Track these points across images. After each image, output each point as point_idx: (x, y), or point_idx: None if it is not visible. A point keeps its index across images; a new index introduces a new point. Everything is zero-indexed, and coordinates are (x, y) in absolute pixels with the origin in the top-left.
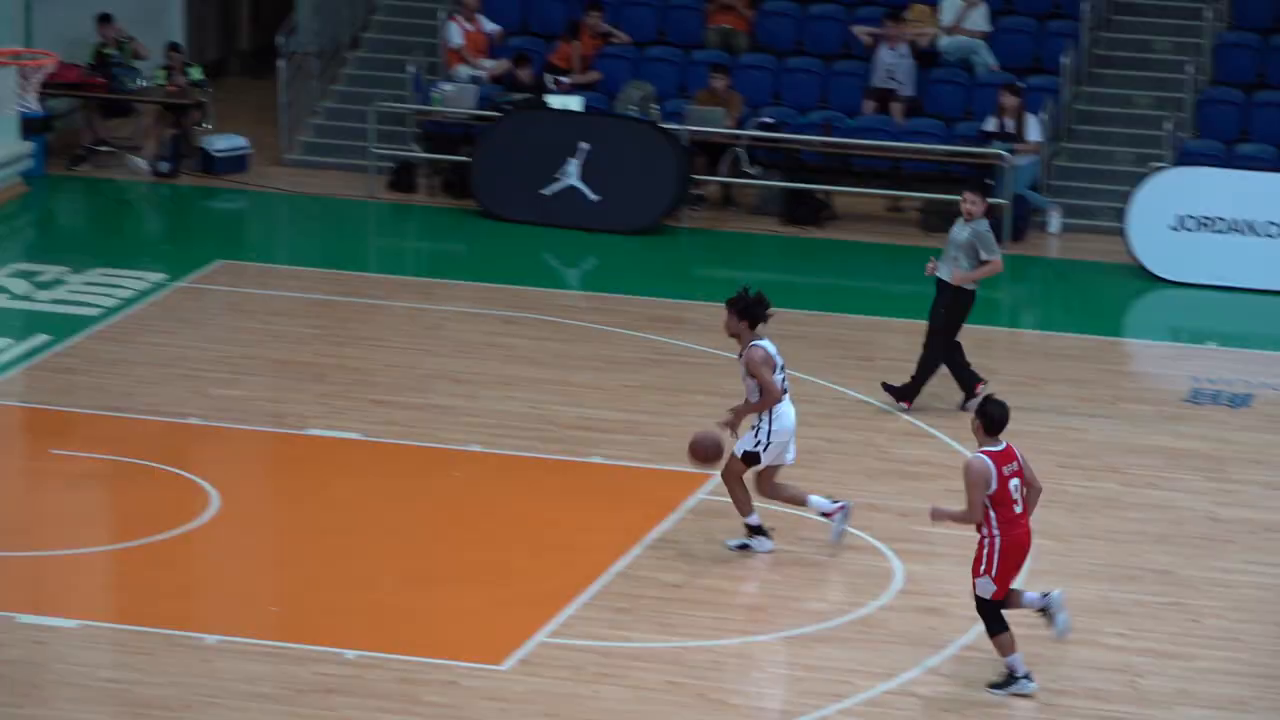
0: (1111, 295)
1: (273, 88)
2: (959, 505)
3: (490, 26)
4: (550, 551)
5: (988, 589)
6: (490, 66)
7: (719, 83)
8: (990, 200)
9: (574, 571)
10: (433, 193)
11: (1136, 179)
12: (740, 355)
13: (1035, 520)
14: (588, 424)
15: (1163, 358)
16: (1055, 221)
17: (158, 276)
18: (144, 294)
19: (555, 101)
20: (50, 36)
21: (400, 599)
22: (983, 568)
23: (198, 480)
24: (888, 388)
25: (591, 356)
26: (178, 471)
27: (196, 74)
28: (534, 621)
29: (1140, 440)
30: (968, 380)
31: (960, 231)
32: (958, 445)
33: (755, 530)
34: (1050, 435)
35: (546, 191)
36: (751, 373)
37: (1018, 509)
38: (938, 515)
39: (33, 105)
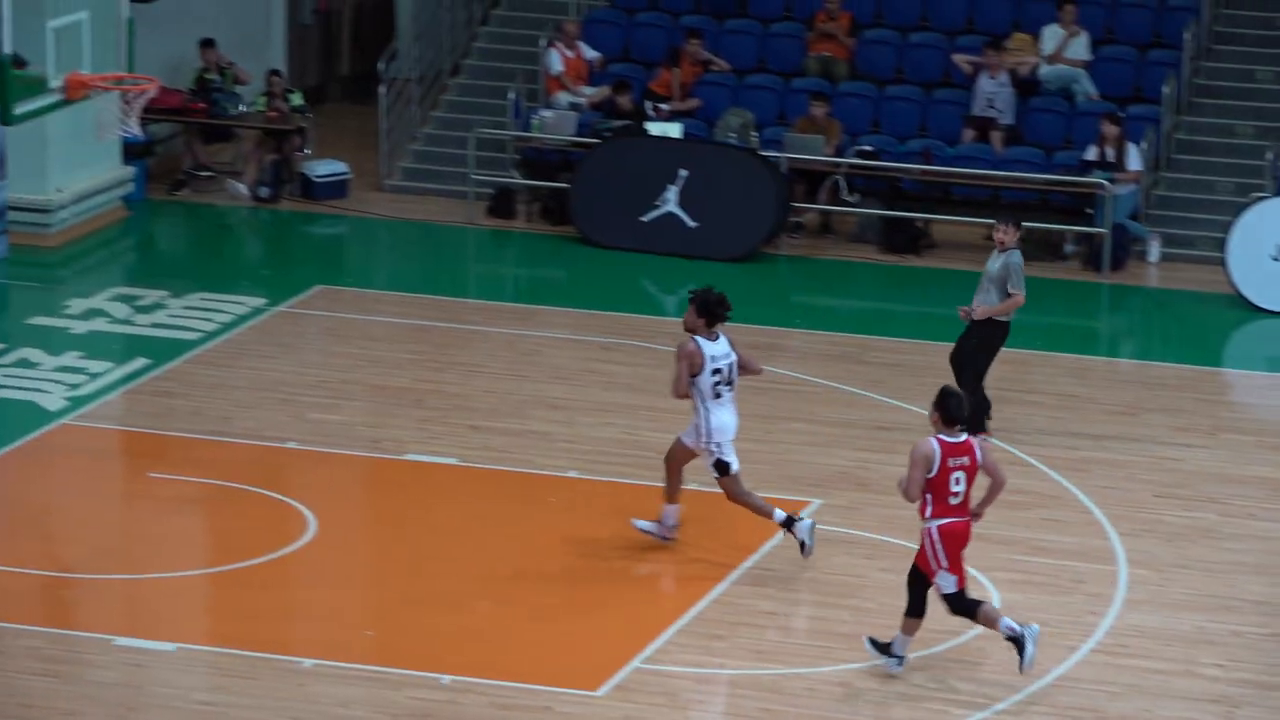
0: (1211, 325)
1: (373, 113)
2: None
3: (591, 53)
4: (646, 578)
5: (949, 582)
6: (590, 93)
7: (818, 110)
8: (1090, 229)
9: (670, 598)
10: (531, 219)
11: (1237, 208)
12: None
13: (1132, 550)
14: None
15: (1262, 388)
16: (1155, 251)
17: (257, 301)
18: (243, 318)
19: (655, 128)
20: (152, 62)
21: (496, 624)
22: (934, 564)
23: (295, 504)
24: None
25: None
26: (275, 495)
27: (297, 99)
28: (629, 648)
29: (1239, 470)
30: (980, 411)
31: (993, 262)
32: (1056, 475)
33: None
34: (1148, 465)
35: (645, 218)
36: (677, 357)
37: (953, 501)
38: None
39: (134, 130)
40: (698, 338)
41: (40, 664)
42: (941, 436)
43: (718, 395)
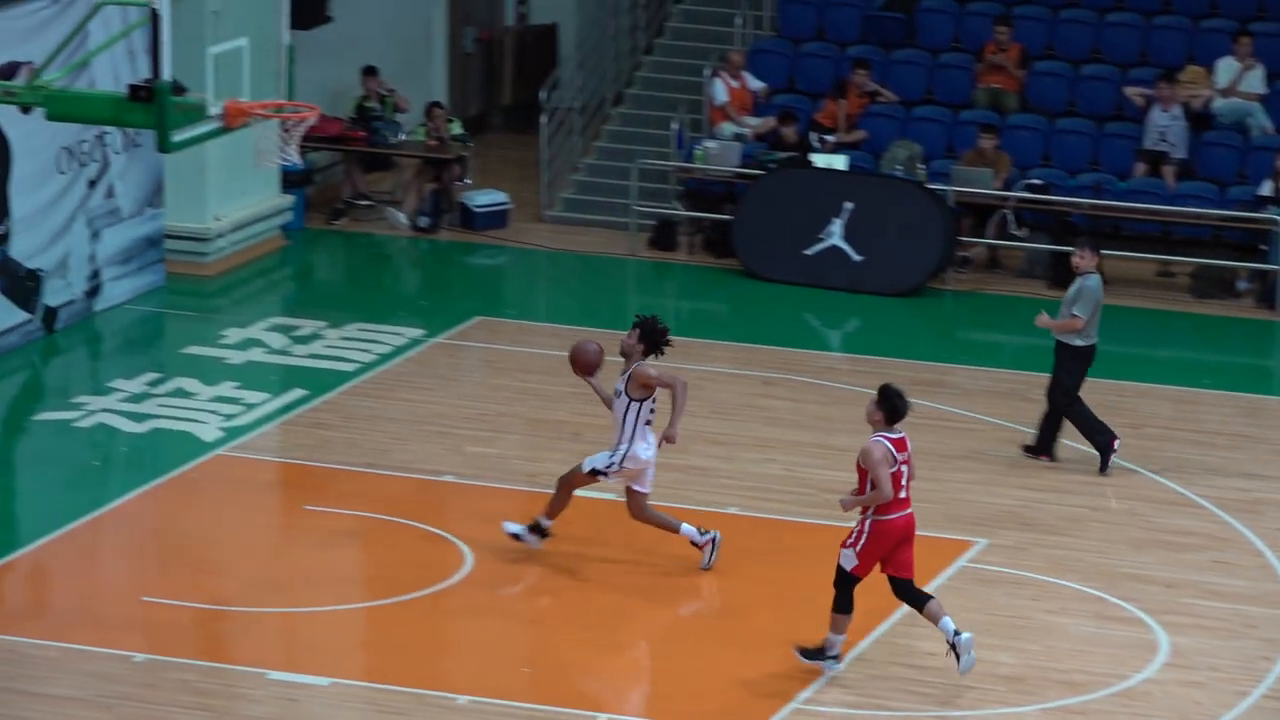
0: None
1: (534, 143)
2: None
3: (756, 84)
4: (805, 616)
5: (850, 561)
6: (755, 124)
7: (987, 143)
8: (1264, 266)
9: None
10: (693, 251)
11: None
12: (625, 371)
13: None
14: (847, 488)
15: None
16: None
17: (415, 332)
18: (401, 350)
19: (820, 160)
20: (312, 89)
21: (654, 661)
22: (850, 540)
23: (451, 539)
24: (1028, 449)
25: (852, 419)
26: (431, 529)
27: (457, 129)
28: (790, 687)
29: None
30: (1047, 441)
31: (1072, 286)
32: (1227, 516)
33: (536, 529)
34: None
35: (809, 251)
36: (642, 382)
37: (900, 495)
38: (848, 503)
39: (293, 158)
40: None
41: (193, 697)
42: (885, 434)
43: (649, 423)
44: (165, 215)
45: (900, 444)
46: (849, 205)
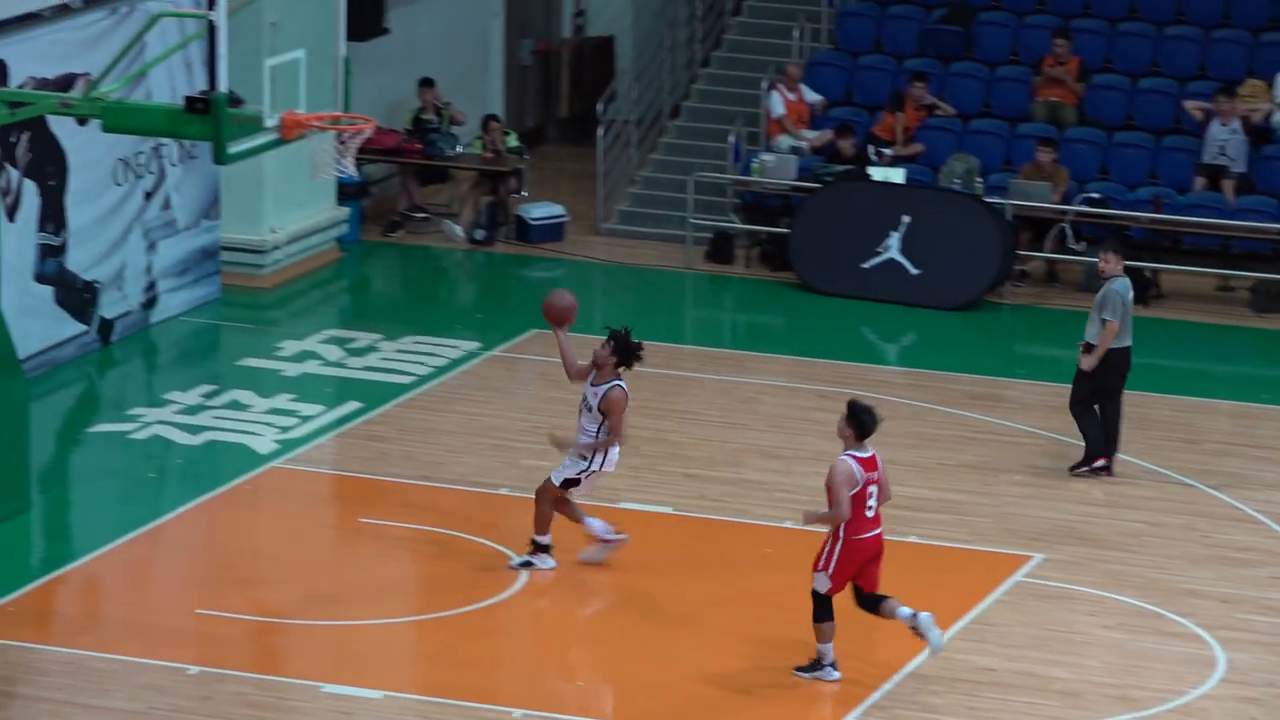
0: None
1: (591, 156)
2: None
3: (813, 96)
4: (862, 631)
5: (824, 584)
6: (812, 137)
7: (1045, 157)
8: None
9: (886, 652)
10: (750, 264)
11: None
12: (596, 385)
13: None
14: (903, 502)
15: None
16: None
17: (471, 345)
18: (456, 362)
19: (877, 173)
20: (369, 102)
21: (708, 676)
22: (821, 563)
23: (506, 551)
24: (1072, 469)
25: (908, 434)
26: (486, 542)
27: (513, 141)
28: (847, 702)
29: None
30: (1094, 449)
31: (1099, 291)
32: None
33: (541, 548)
34: None
35: (866, 264)
36: (607, 410)
37: (868, 514)
38: (809, 517)
39: (349, 171)
40: (621, 382)
41: (247, 710)
42: (854, 453)
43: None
44: (221, 227)
45: (868, 463)
46: (906, 219)
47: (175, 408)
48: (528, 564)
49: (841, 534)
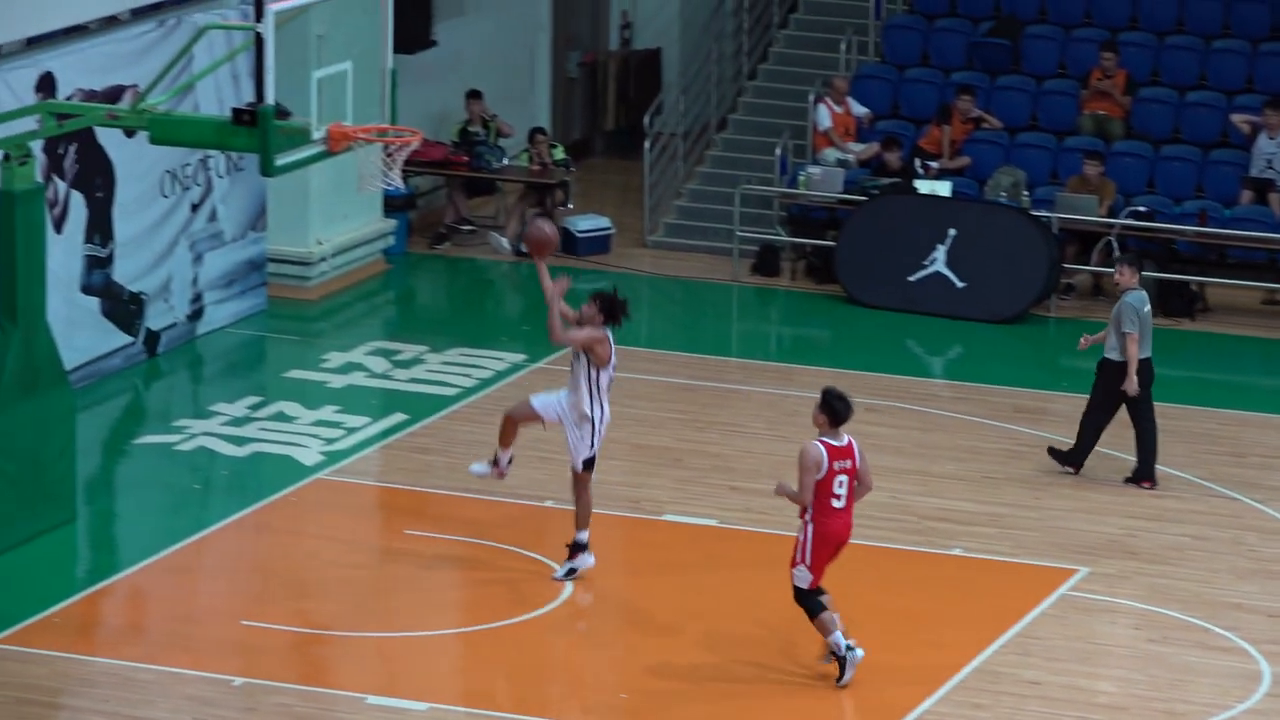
0: None
1: (638, 168)
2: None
3: (859, 109)
4: (907, 645)
5: (804, 579)
6: (858, 150)
7: (1092, 170)
8: None
9: (931, 665)
10: (796, 277)
11: None
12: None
13: None
14: (949, 515)
15: None
16: None
17: (517, 357)
18: (503, 374)
19: (923, 186)
20: (415, 114)
21: (753, 689)
22: (798, 556)
23: (552, 565)
24: (1129, 480)
25: (953, 447)
26: (531, 555)
27: (560, 154)
28: (892, 716)
29: None
30: (1080, 452)
31: (1115, 306)
32: None
33: (580, 547)
34: None
35: (912, 278)
36: (590, 348)
37: (837, 504)
38: (781, 489)
39: (396, 183)
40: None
41: None
42: (826, 439)
43: (608, 390)
44: (268, 239)
45: (840, 451)
46: (952, 232)
47: (221, 419)
48: (571, 572)
49: (811, 524)
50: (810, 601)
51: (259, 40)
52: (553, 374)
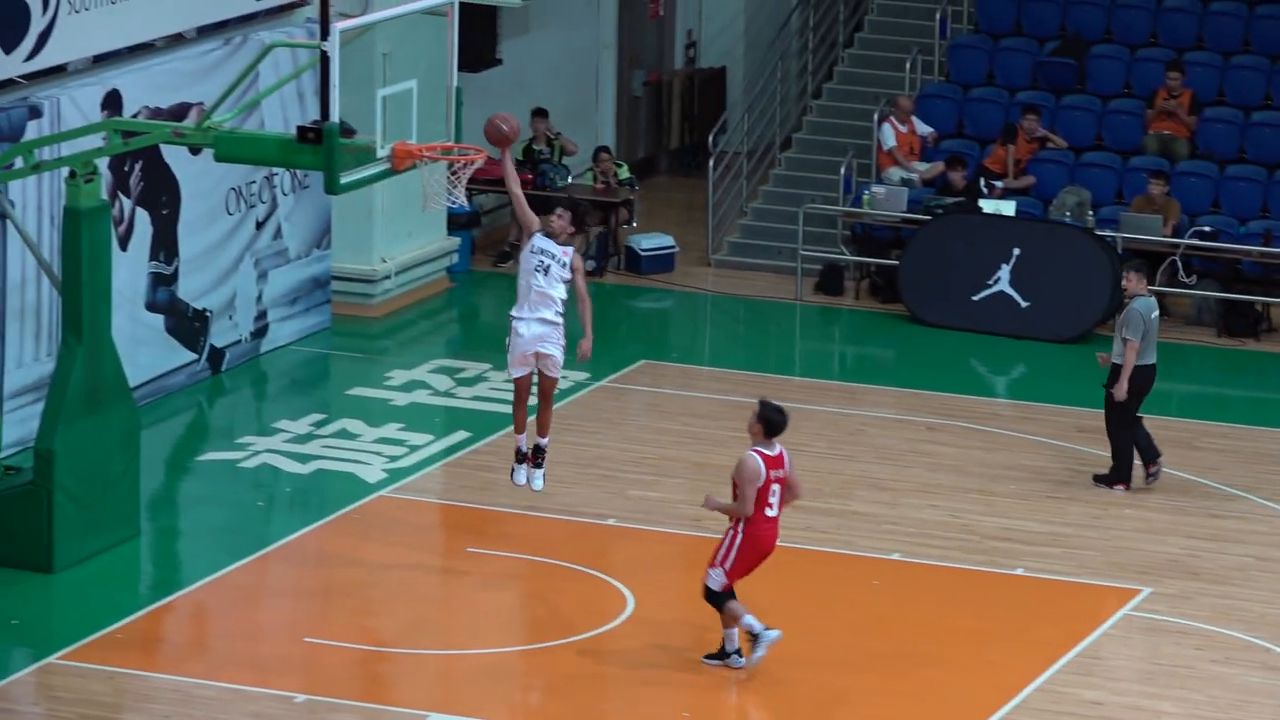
0: None
1: (701, 187)
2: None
3: (924, 129)
4: (969, 664)
5: (719, 581)
6: (923, 169)
7: (1157, 190)
8: None
9: (993, 685)
10: (860, 296)
11: None
12: (560, 244)
13: None
14: (1011, 535)
15: None
16: None
17: (580, 375)
18: (565, 393)
19: (988, 206)
20: (480, 132)
21: (815, 709)
22: (719, 559)
23: (613, 582)
24: (1097, 479)
25: (1016, 466)
26: (593, 573)
27: (624, 172)
28: None
29: None
30: (1122, 469)
31: (1122, 312)
32: None
33: (535, 453)
34: None
35: (976, 297)
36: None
37: (770, 512)
38: (711, 503)
39: (460, 201)
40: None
41: None
42: (761, 449)
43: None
44: (332, 256)
45: (774, 461)
46: (1016, 251)
47: (284, 436)
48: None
49: (741, 530)
50: (717, 600)
51: (324, 58)
52: (616, 392)
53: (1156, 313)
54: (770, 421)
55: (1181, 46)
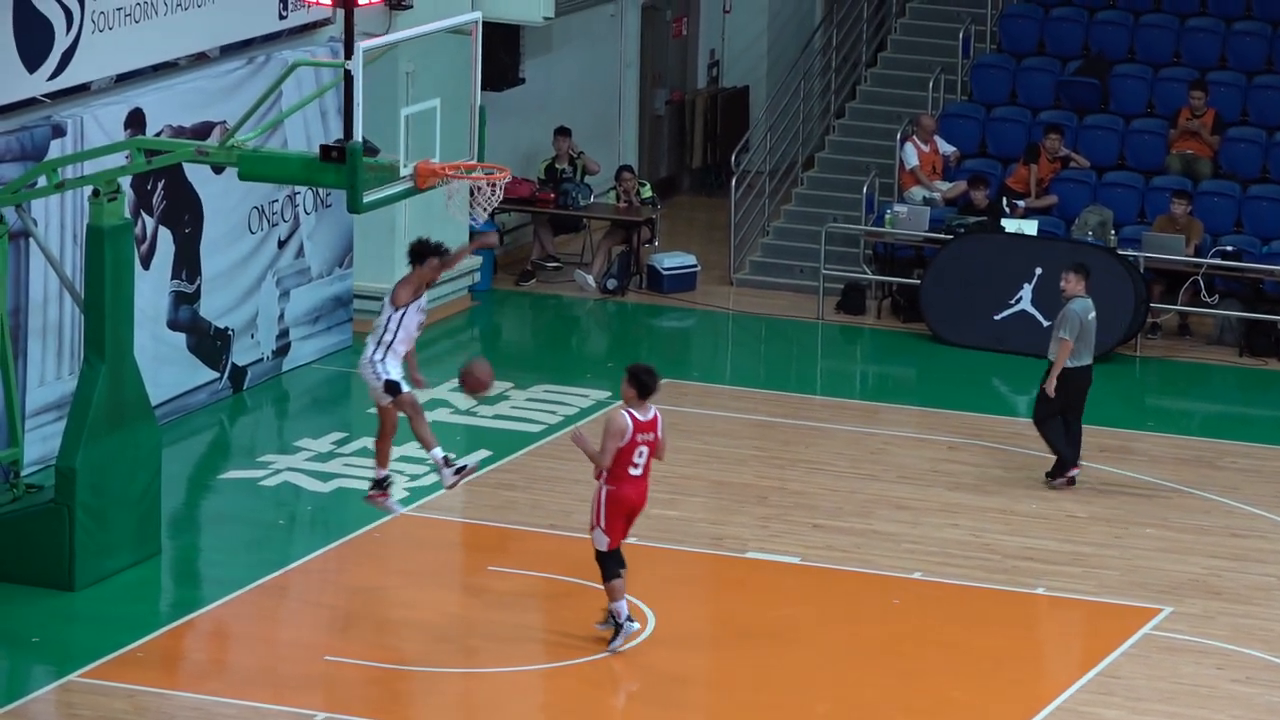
0: None
1: (724, 206)
2: None
3: (947, 148)
4: (990, 684)
5: (602, 541)
6: (945, 188)
7: (1179, 209)
8: None
9: (1014, 705)
10: (881, 315)
11: None
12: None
13: None
14: (1031, 554)
15: None
16: None
17: (601, 394)
18: (587, 411)
19: (1010, 225)
20: (503, 151)
21: None
22: (594, 521)
23: (634, 601)
24: (1048, 477)
25: (1036, 485)
26: None
27: (646, 191)
28: None
29: None
30: (1067, 460)
31: (1060, 311)
32: None
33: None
34: None
35: (998, 316)
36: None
37: (634, 471)
38: (578, 440)
39: (481, 219)
40: None
41: None
42: (633, 411)
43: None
44: (354, 275)
45: (645, 425)
46: (1039, 270)
47: (306, 455)
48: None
49: (604, 489)
50: (609, 566)
51: (348, 77)
52: None
53: (1093, 314)
54: (643, 384)
55: (1205, 66)
